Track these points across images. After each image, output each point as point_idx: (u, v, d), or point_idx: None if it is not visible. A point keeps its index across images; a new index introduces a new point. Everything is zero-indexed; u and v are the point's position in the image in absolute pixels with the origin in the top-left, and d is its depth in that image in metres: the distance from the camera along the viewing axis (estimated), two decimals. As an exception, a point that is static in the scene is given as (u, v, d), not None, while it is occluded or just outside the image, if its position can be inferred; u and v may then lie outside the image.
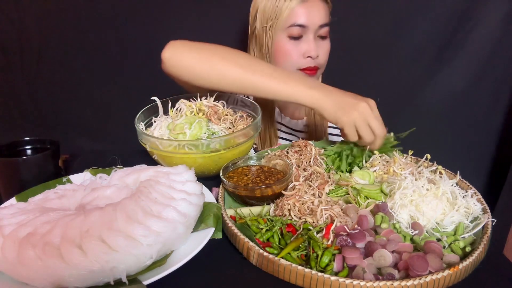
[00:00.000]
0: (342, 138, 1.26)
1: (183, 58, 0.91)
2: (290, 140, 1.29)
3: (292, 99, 0.86)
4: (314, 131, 1.26)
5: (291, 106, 1.27)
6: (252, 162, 0.89)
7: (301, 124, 1.29)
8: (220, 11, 1.50)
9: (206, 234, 0.67)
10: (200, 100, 1.01)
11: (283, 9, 1.04)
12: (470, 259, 0.61)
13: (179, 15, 1.52)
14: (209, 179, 0.90)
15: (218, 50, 0.91)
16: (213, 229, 0.68)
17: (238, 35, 1.37)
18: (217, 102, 1.01)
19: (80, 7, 1.48)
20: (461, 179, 0.82)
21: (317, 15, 1.06)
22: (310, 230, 0.69)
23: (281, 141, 1.29)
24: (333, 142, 0.99)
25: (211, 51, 0.91)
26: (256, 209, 0.78)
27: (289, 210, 0.74)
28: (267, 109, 1.19)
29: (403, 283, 0.57)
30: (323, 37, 1.10)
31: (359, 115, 0.82)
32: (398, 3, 1.42)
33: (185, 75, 0.92)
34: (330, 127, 1.29)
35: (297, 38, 1.07)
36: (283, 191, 0.78)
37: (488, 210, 0.74)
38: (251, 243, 0.65)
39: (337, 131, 1.26)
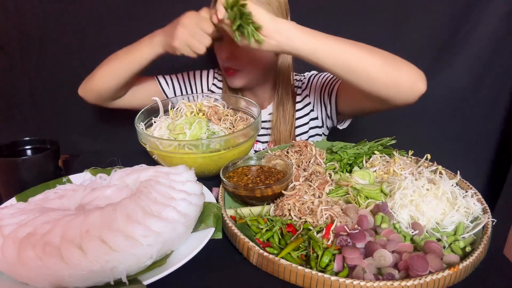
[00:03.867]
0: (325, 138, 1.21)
1: (88, 86, 1.09)
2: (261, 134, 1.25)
3: (152, 56, 0.98)
4: (279, 118, 1.19)
5: (257, 96, 1.23)
6: (252, 162, 0.89)
7: (265, 113, 1.23)
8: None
9: (206, 234, 0.67)
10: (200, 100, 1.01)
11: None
12: (470, 259, 0.61)
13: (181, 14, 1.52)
14: (209, 179, 0.90)
15: (105, 61, 1.06)
16: (213, 229, 0.68)
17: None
18: (217, 103, 1.01)
19: (80, 7, 1.47)
20: (461, 179, 0.82)
21: None
22: (310, 230, 0.69)
23: None
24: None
25: (99, 67, 1.06)
26: (256, 209, 0.78)
27: (289, 210, 0.74)
28: None
29: (403, 283, 0.57)
30: None
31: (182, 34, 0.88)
32: (398, 3, 1.42)
33: (99, 94, 1.08)
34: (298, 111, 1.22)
35: (218, 39, 1.01)
36: (283, 191, 0.78)
37: (488, 210, 0.74)
38: (251, 243, 0.65)
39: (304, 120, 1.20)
